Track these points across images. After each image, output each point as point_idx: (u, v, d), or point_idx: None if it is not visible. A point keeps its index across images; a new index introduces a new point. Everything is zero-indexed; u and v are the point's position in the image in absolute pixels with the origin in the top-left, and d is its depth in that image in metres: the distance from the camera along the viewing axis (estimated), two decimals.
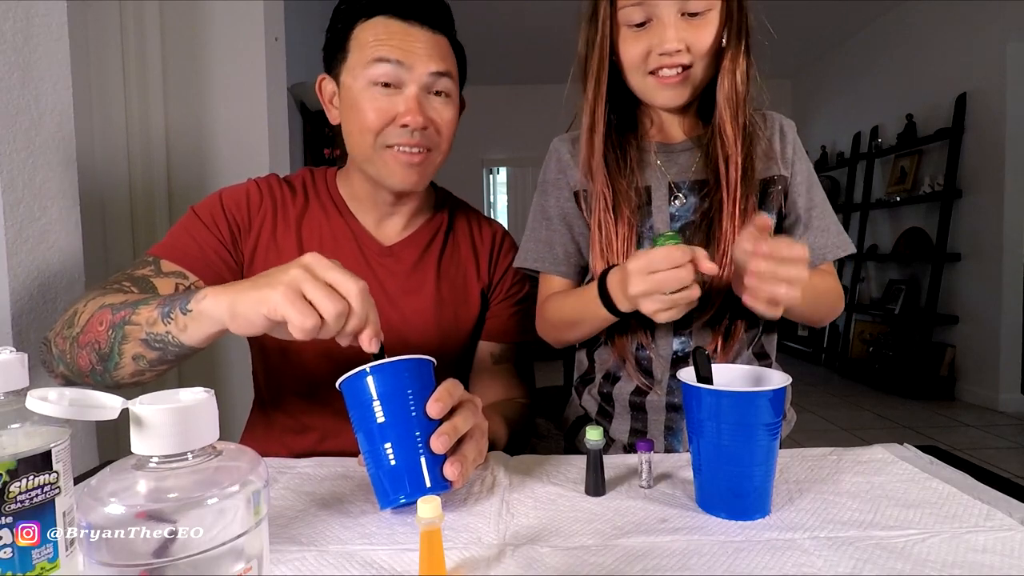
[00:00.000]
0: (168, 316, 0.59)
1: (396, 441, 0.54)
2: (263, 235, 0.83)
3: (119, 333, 0.62)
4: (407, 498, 0.54)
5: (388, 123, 0.77)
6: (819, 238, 0.83)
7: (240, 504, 0.31)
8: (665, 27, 0.73)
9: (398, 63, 0.75)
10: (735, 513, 0.54)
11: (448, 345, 0.87)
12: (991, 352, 3.49)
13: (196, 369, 1.61)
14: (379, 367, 0.54)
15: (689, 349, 0.82)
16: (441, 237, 0.90)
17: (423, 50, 0.76)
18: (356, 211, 0.87)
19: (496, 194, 6.14)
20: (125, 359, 0.63)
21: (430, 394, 0.55)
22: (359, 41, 0.77)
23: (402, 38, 0.76)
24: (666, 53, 0.74)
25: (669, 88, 0.77)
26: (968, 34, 3.65)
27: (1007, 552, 0.47)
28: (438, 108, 0.79)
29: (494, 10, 4.04)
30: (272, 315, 0.52)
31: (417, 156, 0.78)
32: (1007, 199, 3.38)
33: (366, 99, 0.77)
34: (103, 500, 0.29)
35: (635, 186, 0.81)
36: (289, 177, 0.89)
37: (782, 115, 0.86)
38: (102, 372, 0.65)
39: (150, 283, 0.73)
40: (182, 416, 0.31)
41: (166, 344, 0.60)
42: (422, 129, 0.77)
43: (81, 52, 1.36)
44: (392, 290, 0.85)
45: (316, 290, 0.52)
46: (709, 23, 0.74)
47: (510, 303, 0.92)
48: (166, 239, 0.79)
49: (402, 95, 0.76)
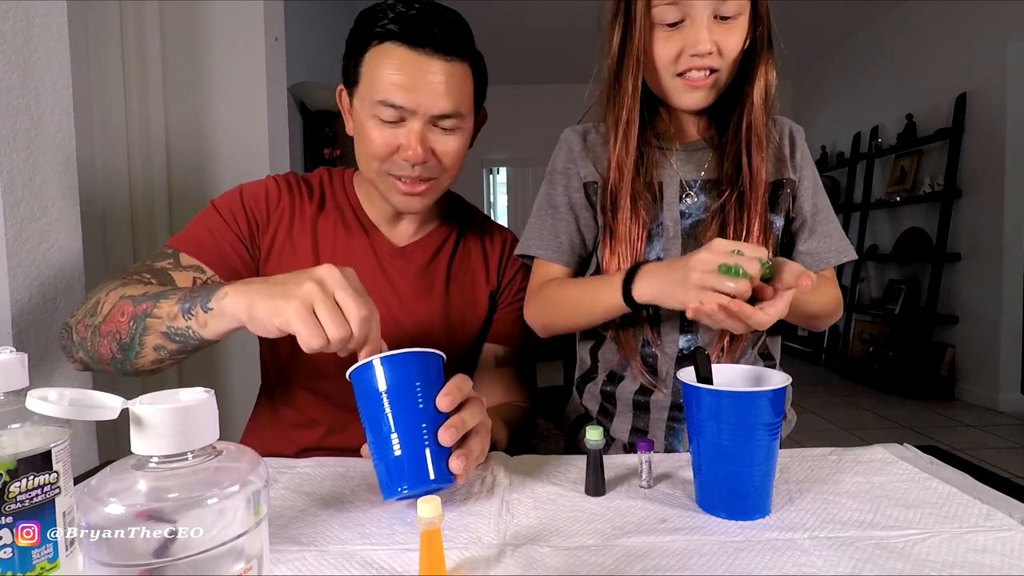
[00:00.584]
0: (189, 312, 0.62)
1: (402, 432, 0.54)
2: (280, 232, 0.84)
3: (140, 325, 0.64)
4: (410, 489, 0.54)
5: (391, 153, 0.77)
6: (822, 243, 0.85)
7: (240, 504, 0.31)
8: (699, 28, 0.74)
9: (401, 108, 0.74)
10: (735, 513, 0.54)
11: (455, 346, 0.88)
12: (991, 352, 3.49)
13: (196, 369, 1.61)
14: (388, 358, 0.55)
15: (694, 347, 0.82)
16: (452, 241, 0.91)
17: (432, 87, 0.74)
18: (370, 213, 0.88)
19: (496, 194, 6.14)
20: (146, 349, 0.65)
21: (438, 388, 0.56)
22: (369, 69, 0.76)
23: (410, 72, 0.73)
24: (698, 54, 0.74)
25: (696, 91, 0.77)
26: (968, 34, 3.65)
27: (1007, 552, 0.47)
28: (444, 140, 0.78)
29: (494, 10, 4.04)
30: (284, 328, 0.55)
31: (419, 186, 0.79)
32: (1007, 199, 3.38)
33: (371, 128, 0.77)
34: (103, 500, 0.29)
35: (648, 183, 0.82)
36: (307, 176, 0.90)
37: (791, 120, 0.88)
38: (122, 360, 0.67)
39: (169, 275, 0.75)
40: (182, 416, 0.31)
41: (186, 338, 0.63)
42: (423, 163, 0.77)
43: (81, 52, 1.36)
44: (402, 290, 0.86)
45: (325, 312, 0.54)
46: (739, 27, 0.75)
47: (516, 307, 0.93)
48: (184, 231, 0.80)
49: (405, 128, 0.76)
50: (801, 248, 0.86)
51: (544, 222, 0.87)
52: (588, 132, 0.88)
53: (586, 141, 0.87)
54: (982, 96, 3.55)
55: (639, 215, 0.80)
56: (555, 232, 0.86)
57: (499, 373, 0.91)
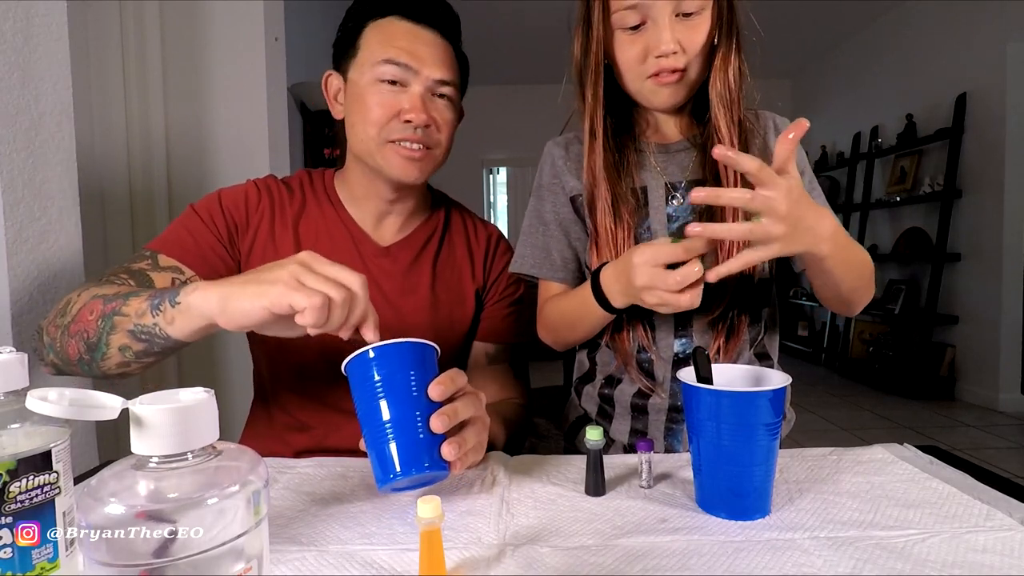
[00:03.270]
0: (157, 308, 0.60)
1: (396, 420, 0.54)
2: (260, 234, 0.84)
3: (108, 323, 0.62)
4: (404, 475, 0.54)
5: (392, 117, 0.78)
6: None
7: (240, 504, 0.31)
8: (660, 29, 0.73)
9: (406, 66, 0.78)
10: (735, 513, 0.54)
11: (444, 345, 0.87)
12: (991, 352, 3.49)
13: (196, 369, 1.61)
14: (382, 347, 0.55)
15: (690, 350, 0.82)
16: (437, 238, 0.90)
17: (430, 55, 0.79)
18: (353, 211, 0.87)
19: (496, 194, 6.14)
20: (112, 349, 0.63)
21: (432, 379, 0.56)
22: (369, 39, 0.79)
23: (411, 40, 0.78)
24: (663, 55, 0.73)
25: (666, 89, 0.76)
26: (968, 34, 3.65)
27: (1007, 552, 0.47)
28: (440, 109, 0.81)
29: (494, 10, 4.04)
30: (275, 307, 0.53)
31: (418, 152, 0.80)
32: (1007, 199, 3.38)
33: (372, 94, 0.78)
34: (103, 500, 0.29)
35: (632, 188, 0.81)
36: (286, 178, 0.90)
37: (774, 113, 0.86)
38: (89, 362, 0.65)
39: (147, 277, 0.74)
40: (182, 416, 0.31)
41: (152, 336, 0.61)
42: (424, 127, 0.79)
43: (81, 52, 1.36)
44: (388, 290, 0.86)
45: (316, 281, 0.53)
46: (702, 23, 0.74)
47: (504, 304, 0.93)
48: (164, 234, 0.80)
49: (407, 93, 0.79)
50: None
51: (536, 239, 0.87)
52: (571, 143, 0.87)
53: (568, 152, 0.86)
54: (982, 96, 3.54)
55: (623, 220, 0.79)
56: (546, 250, 0.86)
57: (492, 371, 0.91)
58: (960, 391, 3.72)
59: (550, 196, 0.87)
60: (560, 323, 0.83)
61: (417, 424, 0.55)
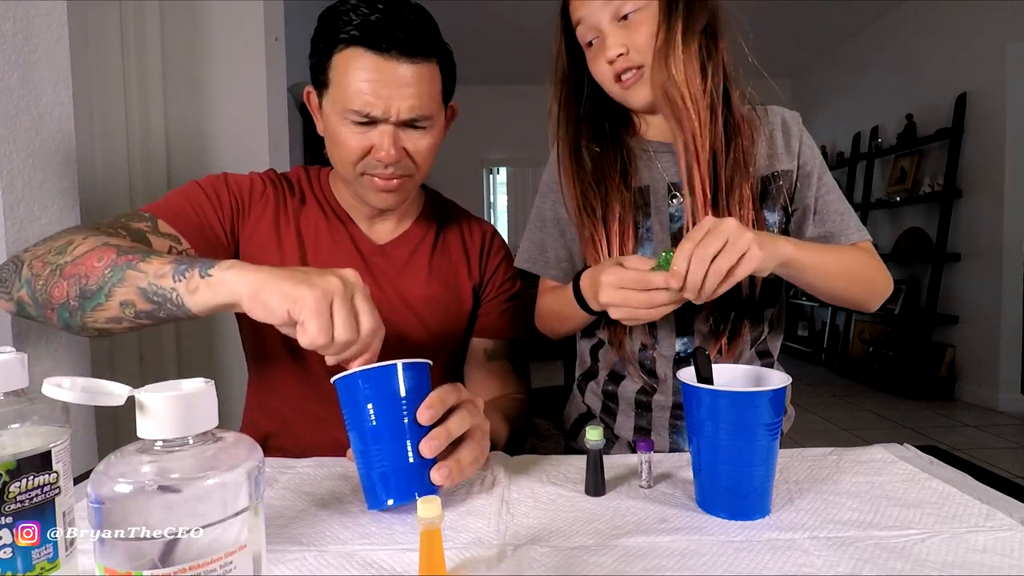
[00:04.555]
0: (182, 273, 0.57)
1: (386, 445, 0.54)
2: (263, 223, 0.83)
3: (118, 275, 0.59)
4: (395, 503, 0.54)
5: (364, 155, 0.76)
6: (835, 224, 0.81)
7: (241, 481, 0.33)
8: (605, 36, 0.77)
9: (368, 116, 0.73)
10: (735, 513, 0.54)
11: (441, 342, 0.88)
12: (991, 352, 3.49)
13: (195, 362, 1.61)
14: (371, 372, 0.55)
15: (692, 350, 0.82)
16: (432, 236, 0.91)
17: (398, 93, 0.72)
18: (349, 210, 0.88)
19: (496, 194, 6.14)
20: (111, 302, 0.59)
21: (423, 397, 0.56)
22: (337, 74, 0.74)
23: (377, 77, 0.72)
24: (610, 60, 0.77)
25: (632, 89, 0.78)
26: (968, 34, 3.65)
27: (1007, 552, 0.47)
28: (415, 139, 0.77)
29: (493, 10, 4.03)
30: (295, 314, 0.53)
31: (394, 183, 0.78)
32: (1007, 199, 3.38)
33: (342, 132, 0.75)
34: (112, 478, 0.31)
35: (632, 186, 0.81)
36: (285, 174, 0.90)
37: (783, 108, 0.85)
38: (75, 309, 0.60)
39: (146, 238, 0.71)
40: (184, 403, 0.33)
41: (164, 300, 0.58)
42: (396, 163, 0.76)
43: (81, 52, 1.36)
44: (386, 287, 0.86)
45: (341, 311, 0.54)
46: (643, 21, 0.76)
47: (501, 300, 0.93)
48: (163, 200, 0.78)
49: (377, 130, 0.75)
50: (811, 235, 0.81)
51: (534, 236, 0.90)
52: None
53: None
54: (982, 96, 3.54)
55: (623, 221, 0.80)
56: (542, 246, 0.89)
57: (491, 367, 0.92)
58: (960, 391, 3.72)
59: (550, 195, 0.89)
60: (551, 317, 0.87)
61: (407, 450, 0.54)
